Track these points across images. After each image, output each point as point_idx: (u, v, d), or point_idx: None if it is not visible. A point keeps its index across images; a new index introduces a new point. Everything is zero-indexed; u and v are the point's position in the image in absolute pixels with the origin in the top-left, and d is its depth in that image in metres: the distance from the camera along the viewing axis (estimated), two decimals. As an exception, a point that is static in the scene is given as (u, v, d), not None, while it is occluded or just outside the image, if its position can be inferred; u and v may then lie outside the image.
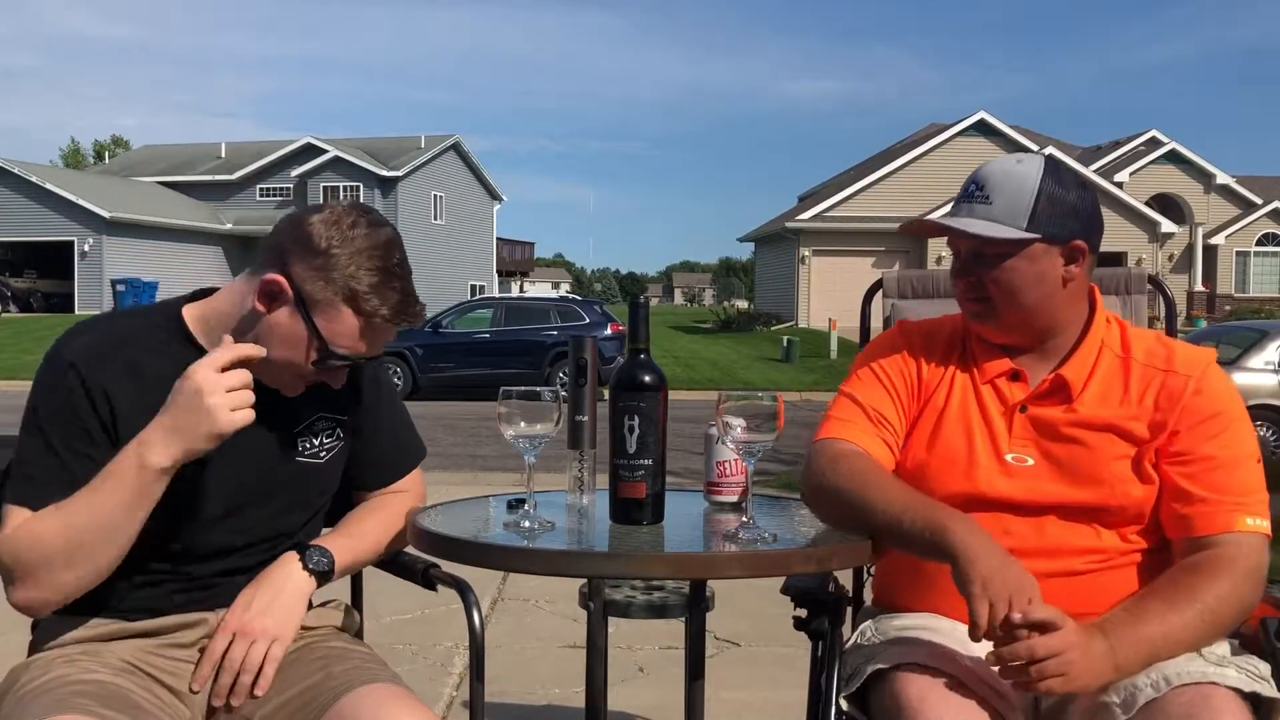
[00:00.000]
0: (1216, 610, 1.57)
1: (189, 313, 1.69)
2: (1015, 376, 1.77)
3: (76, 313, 33.56)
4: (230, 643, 1.65)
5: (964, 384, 1.80)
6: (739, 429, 1.67)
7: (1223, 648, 1.64)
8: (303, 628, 1.74)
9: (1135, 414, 1.70)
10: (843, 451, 1.74)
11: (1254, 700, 1.52)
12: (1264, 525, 1.65)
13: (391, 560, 1.91)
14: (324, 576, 1.73)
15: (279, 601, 1.68)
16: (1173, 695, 1.50)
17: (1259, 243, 38.62)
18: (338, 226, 1.59)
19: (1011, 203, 1.70)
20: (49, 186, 35.46)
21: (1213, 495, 1.64)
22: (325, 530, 1.87)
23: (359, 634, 1.94)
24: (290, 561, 1.72)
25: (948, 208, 1.85)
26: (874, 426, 1.79)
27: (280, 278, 1.59)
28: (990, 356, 1.80)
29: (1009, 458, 1.73)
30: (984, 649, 1.65)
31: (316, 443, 1.77)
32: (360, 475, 1.87)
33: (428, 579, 1.87)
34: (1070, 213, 1.72)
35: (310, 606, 1.75)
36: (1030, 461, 1.73)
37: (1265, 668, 1.60)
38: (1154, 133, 38.31)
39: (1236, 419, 1.72)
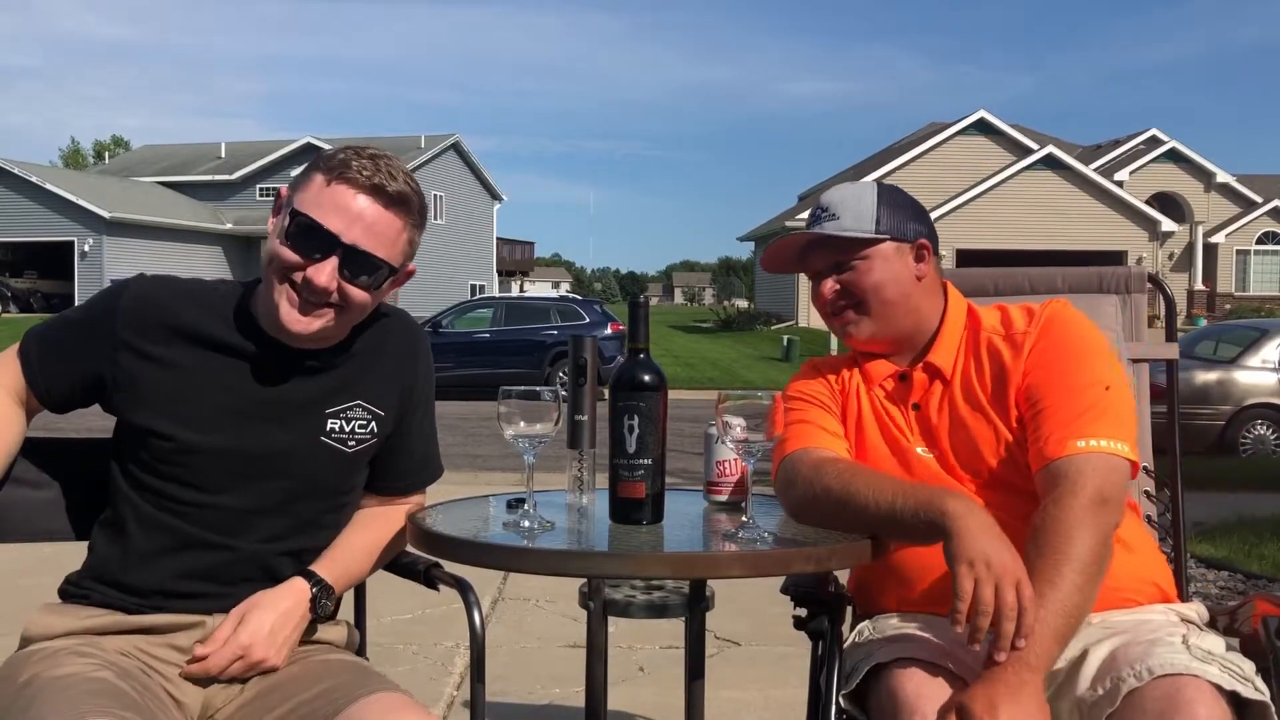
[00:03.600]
0: (1085, 557, 1.57)
1: (251, 289, 1.77)
2: (903, 378, 1.89)
3: (76, 313, 33.52)
4: (235, 658, 1.65)
5: (867, 396, 1.91)
6: (738, 428, 1.67)
7: (1210, 641, 1.64)
8: (301, 642, 1.75)
9: (998, 383, 1.80)
10: (822, 458, 1.79)
11: (1238, 701, 1.52)
12: (1101, 444, 1.66)
13: (393, 560, 1.91)
14: (321, 619, 1.77)
15: (288, 635, 1.70)
16: (1152, 685, 1.51)
17: (1259, 241, 38.61)
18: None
19: (856, 214, 1.86)
20: (49, 187, 35.44)
21: (1048, 425, 1.70)
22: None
23: (361, 649, 1.94)
24: (303, 597, 1.72)
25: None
26: (831, 435, 1.86)
27: (282, 187, 1.73)
28: (876, 366, 1.91)
29: (919, 451, 1.84)
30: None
31: (348, 429, 1.77)
32: (374, 480, 1.86)
33: (430, 579, 1.87)
34: (909, 217, 1.89)
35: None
36: (932, 455, 1.83)
37: (1250, 667, 1.59)
38: (1154, 131, 38.32)
39: (1076, 353, 1.77)
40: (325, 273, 1.62)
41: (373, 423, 1.79)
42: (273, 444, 1.71)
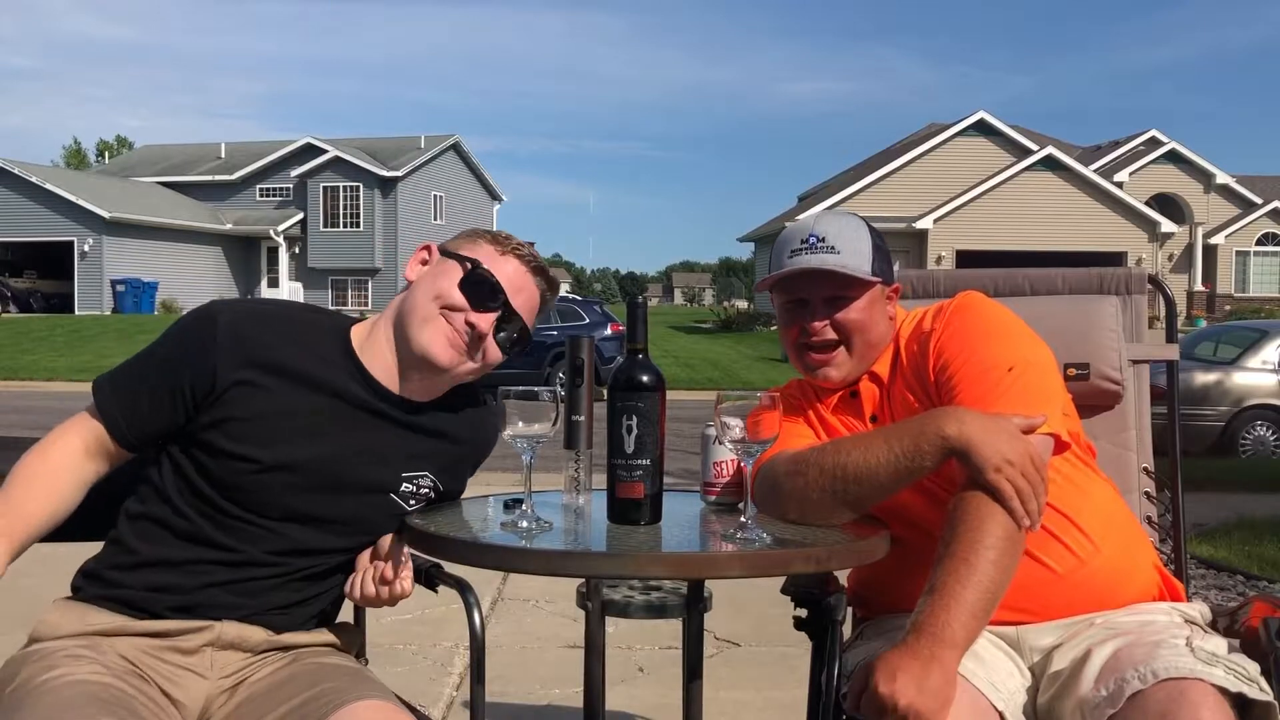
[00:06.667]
0: (998, 533, 1.56)
1: (355, 329, 1.82)
2: (855, 394, 1.90)
3: (76, 313, 33.55)
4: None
5: (829, 416, 1.91)
6: (737, 429, 1.66)
7: (1213, 643, 1.64)
8: (298, 645, 1.77)
9: (920, 384, 1.81)
10: (795, 450, 1.77)
11: (1242, 701, 1.53)
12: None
13: None
14: None
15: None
16: (1156, 688, 1.52)
17: (1259, 242, 38.61)
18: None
19: (856, 252, 1.86)
20: (49, 187, 35.45)
21: (957, 399, 1.72)
22: None
23: (361, 651, 1.94)
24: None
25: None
26: (804, 439, 1.85)
27: (430, 244, 1.84)
28: (830, 391, 1.92)
29: None
30: (980, 647, 1.65)
31: (414, 490, 1.81)
32: None
33: (430, 579, 1.86)
34: (888, 259, 1.92)
35: (313, 626, 1.81)
36: None
37: (1254, 668, 1.60)
38: (1154, 132, 38.30)
39: (977, 338, 1.78)
40: (488, 321, 1.76)
41: (433, 491, 1.85)
42: (350, 489, 1.74)
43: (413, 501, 1.82)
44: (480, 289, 1.75)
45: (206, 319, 1.71)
